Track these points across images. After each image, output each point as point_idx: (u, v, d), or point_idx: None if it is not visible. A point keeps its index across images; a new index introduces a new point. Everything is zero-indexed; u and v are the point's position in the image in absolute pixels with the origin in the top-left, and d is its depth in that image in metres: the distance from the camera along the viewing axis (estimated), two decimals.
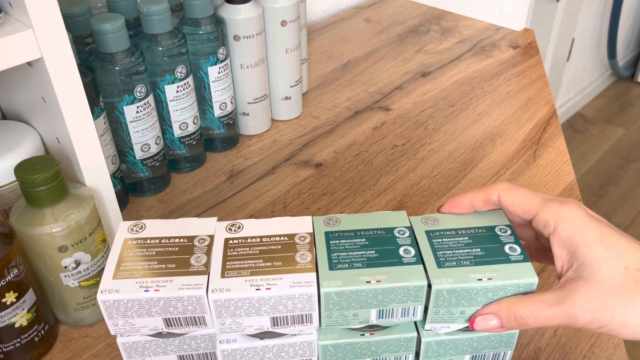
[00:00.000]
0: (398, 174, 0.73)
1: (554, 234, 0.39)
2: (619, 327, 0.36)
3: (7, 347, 0.48)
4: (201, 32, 0.67)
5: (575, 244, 0.38)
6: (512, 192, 0.42)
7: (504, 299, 0.39)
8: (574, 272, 0.38)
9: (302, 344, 0.42)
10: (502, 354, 0.44)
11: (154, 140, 0.66)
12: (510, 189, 0.42)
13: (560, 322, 0.37)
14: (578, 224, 0.38)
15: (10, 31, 0.43)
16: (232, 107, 0.75)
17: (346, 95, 0.89)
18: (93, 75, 0.56)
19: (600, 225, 0.38)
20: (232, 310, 0.38)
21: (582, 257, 0.37)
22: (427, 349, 0.43)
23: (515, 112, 0.84)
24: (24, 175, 0.45)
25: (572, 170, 0.73)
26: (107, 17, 0.58)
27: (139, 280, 0.38)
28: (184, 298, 0.38)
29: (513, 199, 0.42)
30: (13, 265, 0.46)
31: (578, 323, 0.37)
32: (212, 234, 0.42)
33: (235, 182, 0.72)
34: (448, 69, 0.95)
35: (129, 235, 0.42)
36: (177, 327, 0.40)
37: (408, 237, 0.42)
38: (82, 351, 0.52)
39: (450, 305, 0.40)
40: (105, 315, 0.39)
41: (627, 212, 1.93)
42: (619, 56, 2.47)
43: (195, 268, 0.39)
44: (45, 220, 0.47)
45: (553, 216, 0.39)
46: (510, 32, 1.06)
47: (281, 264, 0.39)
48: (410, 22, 1.12)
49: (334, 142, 0.79)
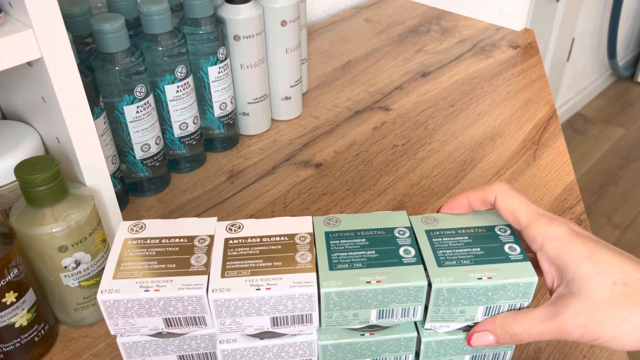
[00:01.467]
0: (398, 174, 0.73)
1: (541, 250, 0.40)
2: (609, 341, 0.37)
3: (7, 347, 0.48)
4: (201, 32, 0.67)
5: (563, 261, 0.38)
6: (507, 197, 0.42)
7: (499, 316, 0.40)
8: (564, 288, 0.39)
9: (302, 344, 0.42)
10: (502, 354, 0.44)
11: (154, 140, 0.66)
12: (506, 194, 0.42)
13: (553, 337, 0.38)
14: (565, 242, 0.39)
15: (10, 31, 0.43)
16: (232, 107, 0.75)
17: (346, 95, 0.89)
18: (93, 75, 0.56)
19: (587, 242, 0.38)
20: (232, 310, 0.38)
21: (570, 273, 0.38)
22: (427, 348, 0.43)
23: (515, 112, 0.84)
24: (24, 175, 0.45)
25: (572, 170, 0.73)
26: (107, 17, 0.58)
27: (139, 280, 0.38)
28: (184, 298, 0.38)
29: (507, 204, 0.42)
30: (13, 265, 0.46)
31: (570, 337, 0.38)
32: (212, 234, 0.42)
33: (235, 182, 0.72)
34: (448, 69, 0.95)
35: (129, 235, 0.42)
36: (177, 327, 0.40)
37: (408, 237, 0.42)
38: (82, 351, 0.52)
39: (450, 304, 0.40)
40: (105, 315, 0.39)
41: (627, 212, 1.93)
42: (619, 56, 2.47)
43: (196, 268, 0.39)
44: (45, 220, 0.47)
45: (540, 234, 0.40)
46: (510, 32, 1.06)
47: (281, 264, 0.39)
48: (410, 22, 1.12)
49: (334, 142, 0.79)
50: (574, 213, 0.66)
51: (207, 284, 0.38)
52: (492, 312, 0.41)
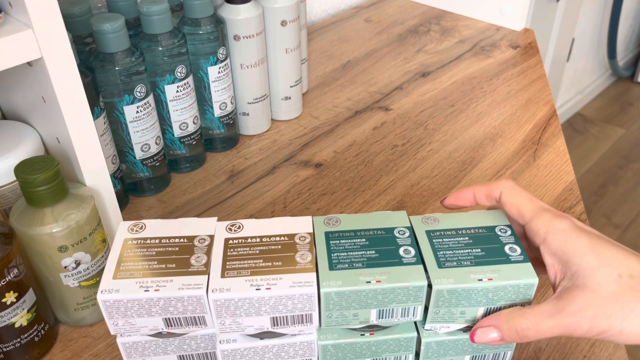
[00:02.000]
0: (398, 174, 0.73)
1: (544, 243, 0.39)
2: (615, 334, 0.36)
3: (7, 347, 0.48)
4: (201, 32, 0.67)
5: (566, 253, 0.38)
6: (513, 192, 0.42)
7: (503, 312, 0.39)
8: (568, 281, 0.38)
9: (302, 344, 0.42)
10: (502, 355, 0.44)
11: (154, 140, 0.66)
12: (512, 189, 0.42)
13: (560, 332, 0.37)
14: (568, 234, 0.39)
15: (10, 31, 0.43)
16: (232, 107, 0.75)
17: (346, 95, 0.89)
18: (93, 75, 0.56)
19: (590, 236, 0.38)
20: (232, 310, 0.38)
21: (575, 265, 0.38)
22: (427, 349, 0.43)
23: (515, 112, 0.84)
24: (24, 175, 0.45)
25: (572, 170, 0.73)
26: (107, 17, 0.58)
27: (139, 280, 0.38)
28: (184, 298, 0.38)
29: (512, 198, 0.42)
30: (13, 265, 0.46)
31: (577, 332, 0.37)
32: (212, 233, 0.42)
33: (235, 182, 0.72)
34: (448, 69, 0.95)
35: (129, 235, 0.42)
36: (177, 327, 0.40)
37: (408, 237, 0.42)
38: (82, 351, 0.52)
39: (450, 305, 0.40)
40: (105, 315, 0.39)
41: (627, 212, 1.93)
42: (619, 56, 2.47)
43: (195, 268, 0.39)
44: (45, 220, 0.47)
45: (544, 226, 0.40)
46: (510, 32, 1.06)
47: (281, 264, 0.39)
48: (410, 22, 1.12)
49: (334, 142, 0.79)
50: (574, 213, 0.66)
51: (207, 283, 0.38)
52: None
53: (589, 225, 0.64)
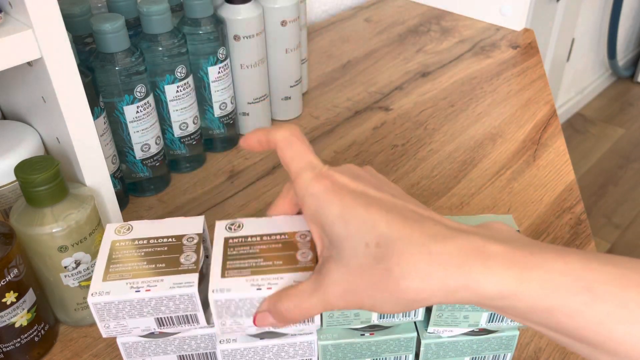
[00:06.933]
0: (398, 174, 0.73)
1: (303, 209, 0.35)
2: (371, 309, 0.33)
3: (7, 347, 0.48)
4: (201, 32, 0.67)
5: (320, 221, 0.34)
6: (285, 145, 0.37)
7: (275, 293, 0.36)
8: (327, 250, 0.34)
9: (302, 344, 0.42)
10: (502, 356, 0.44)
11: (154, 140, 0.66)
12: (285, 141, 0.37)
13: (322, 309, 0.34)
14: (321, 200, 0.34)
15: (10, 31, 0.43)
16: (232, 107, 0.75)
17: (346, 95, 0.89)
18: (93, 75, 0.56)
19: (343, 200, 0.33)
20: (232, 311, 0.38)
21: (328, 234, 0.33)
22: (426, 350, 0.43)
23: (515, 112, 0.84)
24: (24, 175, 0.45)
25: (572, 170, 0.73)
26: (107, 17, 0.58)
27: (129, 281, 0.38)
28: (176, 297, 0.38)
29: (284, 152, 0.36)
30: (13, 265, 0.46)
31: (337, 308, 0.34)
32: (200, 232, 0.42)
33: (235, 182, 0.72)
34: (448, 69, 0.95)
35: (117, 237, 0.41)
36: (169, 326, 0.40)
37: None
38: (82, 351, 0.52)
39: (454, 309, 0.40)
40: (96, 317, 0.38)
41: (627, 212, 1.93)
42: (619, 56, 2.47)
43: (186, 266, 0.39)
44: (45, 220, 0.47)
45: (301, 189, 0.35)
46: (510, 32, 1.06)
47: (282, 262, 0.39)
48: (410, 22, 1.12)
49: (334, 142, 0.79)
50: (574, 213, 0.66)
51: (198, 281, 0.38)
52: (497, 318, 0.41)
53: (589, 226, 0.64)
